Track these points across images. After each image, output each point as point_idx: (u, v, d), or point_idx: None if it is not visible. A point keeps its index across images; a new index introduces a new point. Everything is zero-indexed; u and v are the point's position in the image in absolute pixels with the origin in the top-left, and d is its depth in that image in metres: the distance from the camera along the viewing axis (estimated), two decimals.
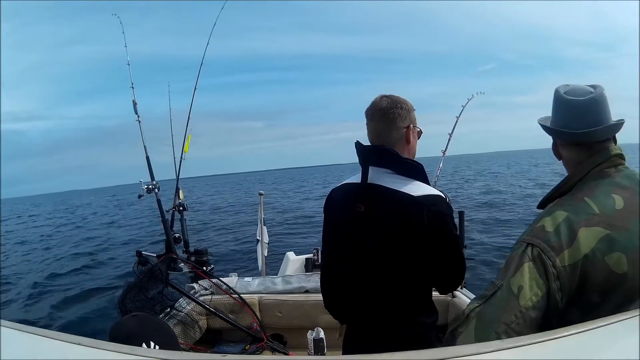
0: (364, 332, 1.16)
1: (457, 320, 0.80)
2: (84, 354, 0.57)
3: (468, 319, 0.77)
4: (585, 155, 0.89)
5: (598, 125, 0.86)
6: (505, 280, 0.76)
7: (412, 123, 1.16)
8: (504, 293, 0.75)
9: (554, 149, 0.98)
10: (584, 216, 0.78)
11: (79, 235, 14.13)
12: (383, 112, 1.13)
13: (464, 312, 0.79)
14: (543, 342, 0.54)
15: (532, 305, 0.73)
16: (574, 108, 0.88)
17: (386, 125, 1.13)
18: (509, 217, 10.05)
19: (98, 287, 6.53)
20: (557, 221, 0.78)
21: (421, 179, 1.08)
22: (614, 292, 0.75)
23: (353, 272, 1.17)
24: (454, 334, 0.78)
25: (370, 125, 1.17)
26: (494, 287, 0.77)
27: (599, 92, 0.87)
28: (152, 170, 2.53)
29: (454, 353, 0.51)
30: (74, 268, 8.09)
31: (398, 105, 1.13)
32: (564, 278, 0.74)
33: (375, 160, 1.12)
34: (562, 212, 0.80)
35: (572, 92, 0.90)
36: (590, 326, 0.58)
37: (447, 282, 1.16)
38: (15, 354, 0.58)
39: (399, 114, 1.13)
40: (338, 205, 1.22)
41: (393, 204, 1.05)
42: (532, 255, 0.76)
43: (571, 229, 0.77)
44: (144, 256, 2.07)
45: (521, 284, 0.74)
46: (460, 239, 1.09)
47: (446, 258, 1.08)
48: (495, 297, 0.76)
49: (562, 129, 0.91)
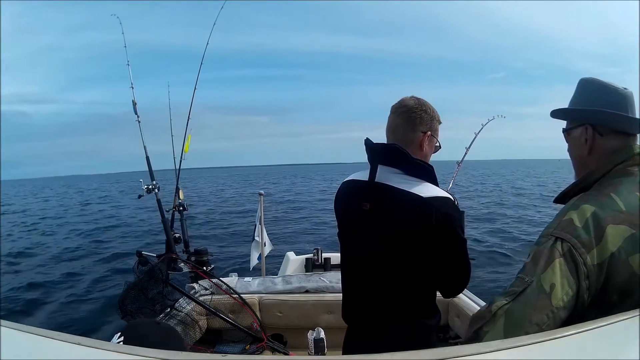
0: (365, 332, 1.15)
1: (481, 318, 0.73)
2: (84, 354, 0.57)
3: (495, 317, 0.71)
4: (623, 145, 0.86)
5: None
6: (536, 276, 0.71)
7: (432, 132, 1.14)
8: (535, 291, 0.70)
9: (578, 140, 0.91)
10: (610, 212, 0.75)
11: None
12: (407, 110, 1.12)
13: (489, 310, 0.73)
14: (543, 342, 0.54)
15: (563, 305, 0.69)
16: (624, 97, 0.86)
17: (405, 123, 1.12)
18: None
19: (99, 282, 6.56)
20: (585, 216, 0.75)
21: (430, 181, 1.06)
22: (633, 294, 0.72)
23: (356, 271, 1.17)
24: (479, 333, 0.72)
25: (390, 118, 1.15)
26: (524, 284, 0.72)
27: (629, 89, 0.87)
28: (152, 170, 2.53)
29: (454, 353, 0.51)
30: (69, 272, 8.10)
31: (423, 108, 1.12)
32: (592, 277, 0.71)
33: (385, 159, 1.10)
34: (589, 206, 0.76)
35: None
36: (590, 326, 0.58)
37: (452, 285, 1.14)
38: (15, 354, 0.58)
39: (422, 117, 1.11)
40: (344, 203, 1.20)
41: (400, 203, 1.03)
42: (562, 251, 0.72)
43: (599, 225, 0.73)
44: (144, 256, 2.07)
45: (553, 282, 0.70)
46: (466, 242, 1.08)
47: (452, 260, 1.07)
48: (525, 294, 0.71)
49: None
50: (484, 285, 5.20)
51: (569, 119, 0.97)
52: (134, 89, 2.59)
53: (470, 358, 0.50)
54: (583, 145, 0.91)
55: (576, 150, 0.94)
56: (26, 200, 30.06)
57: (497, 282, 5.41)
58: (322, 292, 2.27)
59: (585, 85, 0.93)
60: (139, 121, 2.55)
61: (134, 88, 2.59)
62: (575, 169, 0.96)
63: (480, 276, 5.71)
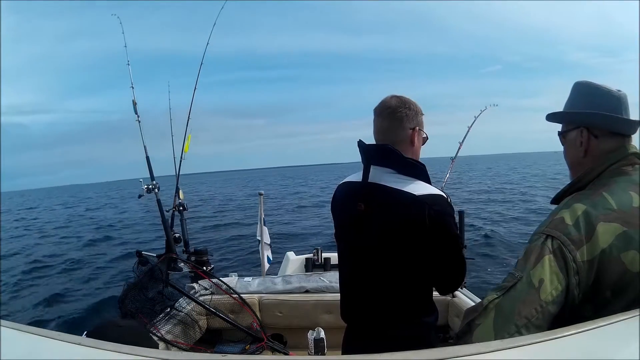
0: (363, 332, 1.16)
1: (473, 312, 0.77)
2: (84, 354, 0.57)
3: (486, 310, 0.74)
4: (617, 146, 0.88)
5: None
6: (525, 272, 0.74)
7: (419, 126, 1.16)
8: (524, 285, 0.73)
9: (573, 143, 0.93)
10: (602, 211, 0.77)
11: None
12: (391, 111, 1.13)
13: (481, 304, 0.76)
14: (543, 342, 0.54)
15: (552, 300, 0.71)
16: (617, 99, 0.88)
17: (392, 123, 1.13)
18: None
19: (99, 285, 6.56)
20: (576, 214, 0.77)
21: (423, 179, 1.08)
22: (627, 290, 0.74)
23: (353, 271, 1.18)
24: (471, 325, 0.75)
25: (376, 121, 1.16)
26: (514, 279, 0.75)
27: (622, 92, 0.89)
28: (152, 170, 2.53)
29: (454, 353, 0.51)
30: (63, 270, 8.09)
31: (407, 105, 1.14)
32: (582, 273, 0.73)
33: (378, 159, 1.11)
34: (580, 205, 0.78)
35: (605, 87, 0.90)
36: (590, 326, 0.58)
37: (447, 282, 1.16)
38: (15, 354, 0.58)
39: (407, 114, 1.13)
40: (340, 204, 1.22)
41: (394, 203, 1.05)
42: (552, 248, 0.75)
43: (590, 223, 0.75)
44: (144, 256, 2.07)
45: (542, 277, 0.72)
46: (460, 239, 1.09)
47: (446, 258, 1.08)
48: (515, 289, 0.73)
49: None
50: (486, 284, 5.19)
51: (564, 122, 0.98)
52: (134, 89, 2.59)
53: (470, 358, 0.50)
54: (578, 147, 0.92)
55: (572, 153, 0.95)
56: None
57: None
58: (322, 292, 2.27)
59: (579, 89, 0.94)
60: (139, 121, 2.55)
61: (134, 88, 2.59)
62: (570, 170, 0.98)
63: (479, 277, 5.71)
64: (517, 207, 12.62)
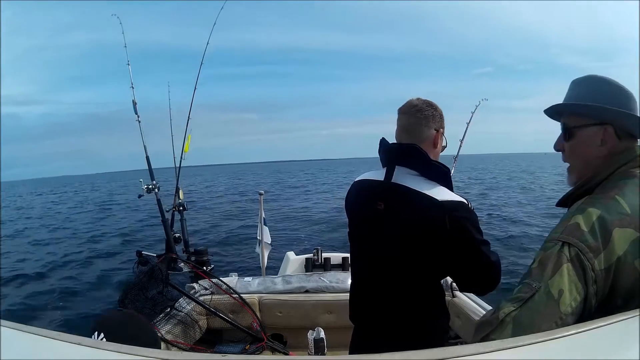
0: (376, 332, 1.14)
1: (488, 325, 0.71)
2: (84, 354, 0.57)
3: (503, 324, 0.68)
4: (628, 148, 0.84)
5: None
6: (544, 282, 0.69)
7: (442, 129, 1.15)
8: (543, 297, 0.68)
9: (591, 140, 0.86)
10: (616, 216, 0.73)
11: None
12: (418, 109, 1.12)
13: (497, 317, 0.70)
14: (543, 342, 0.54)
15: (571, 312, 0.67)
16: (636, 102, 0.85)
17: (418, 121, 1.12)
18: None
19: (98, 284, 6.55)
20: (591, 219, 0.73)
21: (446, 184, 1.06)
22: (635, 297, 0.71)
23: (367, 272, 1.17)
24: (486, 340, 0.69)
25: (401, 119, 1.15)
26: (531, 290, 0.69)
27: None
28: (152, 170, 2.53)
29: (454, 353, 0.51)
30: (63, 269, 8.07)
31: (433, 106, 1.14)
32: (600, 282, 0.70)
33: (403, 159, 1.09)
34: (595, 210, 0.74)
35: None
36: (590, 326, 0.58)
37: (479, 286, 1.13)
38: (15, 354, 0.58)
39: (434, 115, 1.13)
40: (357, 202, 1.20)
41: (415, 205, 1.03)
42: (570, 256, 0.70)
43: (606, 228, 0.72)
44: (144, 256, 2.07)
45: (561, 288, 0.68)
46: (488, 243, 1.06)
47: (471, 263, 1.05)
48: (534, 300, 0.68)
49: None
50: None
51: (582, 115, 0.88)
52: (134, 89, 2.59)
53: (470, 358, 0.50)
54: (597, 146, 0.86)
55: (586, 151, 0.88)
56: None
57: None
58: (322, 292, 2.27)
59: (599, 83, 0.88)
60: (139, 121, 2.55)
61: (134, 88, 2.60)
62: (577, 170, 0.91)
63: None
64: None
